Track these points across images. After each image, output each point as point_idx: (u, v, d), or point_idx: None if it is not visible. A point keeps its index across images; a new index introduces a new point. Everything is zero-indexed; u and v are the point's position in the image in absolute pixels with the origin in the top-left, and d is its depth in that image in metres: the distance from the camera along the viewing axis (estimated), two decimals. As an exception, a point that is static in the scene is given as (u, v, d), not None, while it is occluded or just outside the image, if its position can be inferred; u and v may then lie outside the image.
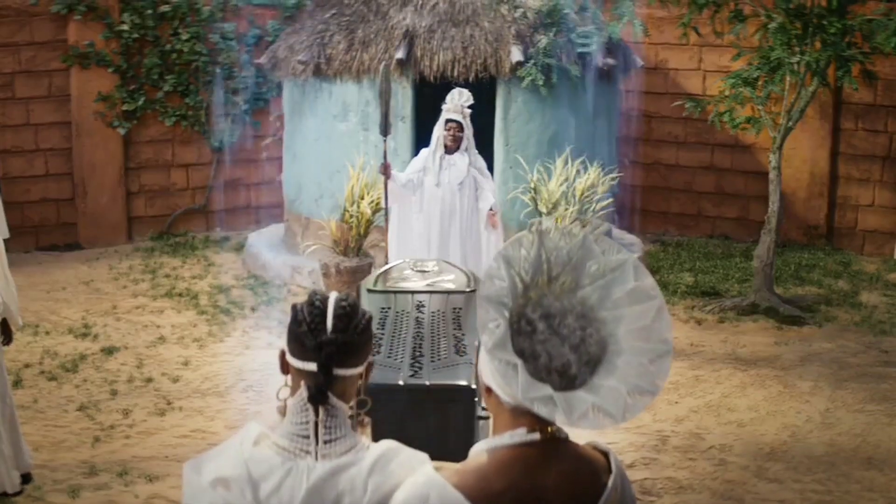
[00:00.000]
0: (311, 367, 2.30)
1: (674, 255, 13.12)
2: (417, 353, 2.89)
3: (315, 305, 2.32)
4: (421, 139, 10.40)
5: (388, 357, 2.87)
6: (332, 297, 2.36)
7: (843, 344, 9.83)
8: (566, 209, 9.39)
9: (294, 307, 2.36)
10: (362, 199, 10.17)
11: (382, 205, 9.28)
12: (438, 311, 2.79)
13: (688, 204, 14.27)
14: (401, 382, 2.86)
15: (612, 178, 10.45)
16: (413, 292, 2.78)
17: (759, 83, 10.28)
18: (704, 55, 13.64)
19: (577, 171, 9.81)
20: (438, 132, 9.04)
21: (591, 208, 9.63)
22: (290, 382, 2.39)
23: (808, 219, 13.44)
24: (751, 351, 9.59)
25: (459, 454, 2.30)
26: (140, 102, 13.32)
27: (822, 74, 9.76)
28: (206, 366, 9.04)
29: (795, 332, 10.14)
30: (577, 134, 11.40)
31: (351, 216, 10.22)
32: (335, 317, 2.30)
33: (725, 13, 10.58)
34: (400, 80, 11.12)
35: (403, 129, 11.21)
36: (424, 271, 3.29)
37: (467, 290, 2.84)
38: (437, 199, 9.04)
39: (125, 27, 13.08)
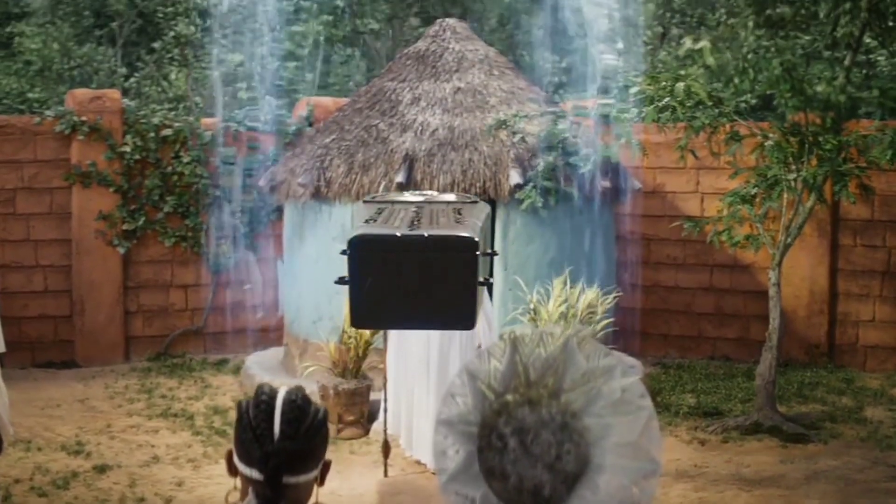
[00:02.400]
0: (258, 476, 2.08)
1: (675, 377, 12.99)
2: (415, 224, 2.71)
3: (261, 406, 2.09)
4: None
5: (385, 224, 2.67)
6: (281, 394, 2.13)
7: (848, 460, 9.65)
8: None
9: (240, 406, 2.16)
10: (361, 319, 10.07)
11: (382, 326, 9.19)
12: (442, 206, 2.64)
13: (688, 326, 14.21)
14: (398, 234, 2.63)
15: (612, 300, 10.43)
16: (411, 202, 2.66)
17: (757, 200, 10.34)
18: (702, 178, 13.76)
19: (577, 293, 9.80)
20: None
21: (591, 329, 9.57)
22: (239, 485, 2.19)
23: (809, 337, 13.36)
24: (755, 470, 9.41)
25: (459, 311, 2.12)
26: (140, 222, 13.37)
27: (819, 190, 9.83)
28: (200, 487, 8.84)
29: (800, 450, 9.97)
30: (576, 255, 11.41)
31: (349, 337, 10.16)
32: (284, 421, 2.08)
33: (722, 135, 10.70)
34: (400, 203, 11.17)
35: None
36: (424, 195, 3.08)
37: (468, 200, 2.73)
38: (437, 319, 8.97)
39: (127, 148, 13.23)
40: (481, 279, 2.75)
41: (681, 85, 9.81)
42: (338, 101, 14.50)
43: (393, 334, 9.26)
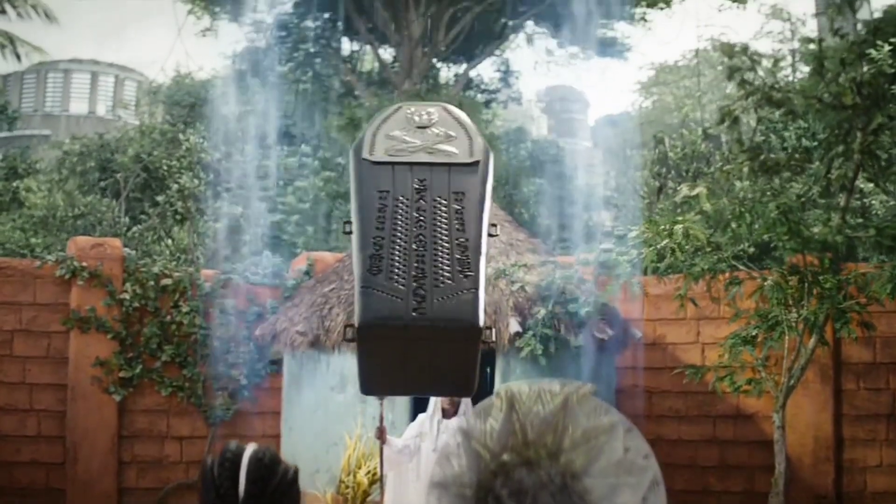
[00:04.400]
0: None
1: (680, 532, 12.64)
2: (419, 273, 2.61)
3: (226, 465, 1.99)
4: (418, 405, 10.27)
5: (390, 279, 2.59)
6: (248, 452, 2.04)
7: None
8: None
9: (204, 464, 2.04)
10: (359, 468, 9.92)
11: (379, 473, 9.00)
12: (440, 198, 2.54)
13: (692, 480, 13.90)
14: (404, 322, 2.57)
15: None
16: (412, 164, 2.56)
17: (759, 341, 10.29)
18: (702, 328, 13.72)
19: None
20: (436, 397, 8.88)
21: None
22: None
23: (816, 486, 13.06)
24: None
25: (460, 381, 2.01)
26: (137, 370, 13.26)
27: (820, 330, 9.79)
28: None
29: None
30: (576, 403, 11.28)
31: (347, 487, 9.96)
32: (249, 480, 1.97)
33: (721, 281, 10.74)
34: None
35: (400, 398, 11.08)
36: (423, 127, 2.89)
37: (469, 160, 2.62)
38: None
39: (126, 296, 13.24)
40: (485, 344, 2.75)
41: (679, 227, 9.89)
42: (338, 256, 14.60)
43: (391, 482, 9.04)
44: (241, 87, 21.21)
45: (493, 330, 2.88)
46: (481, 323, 2.66)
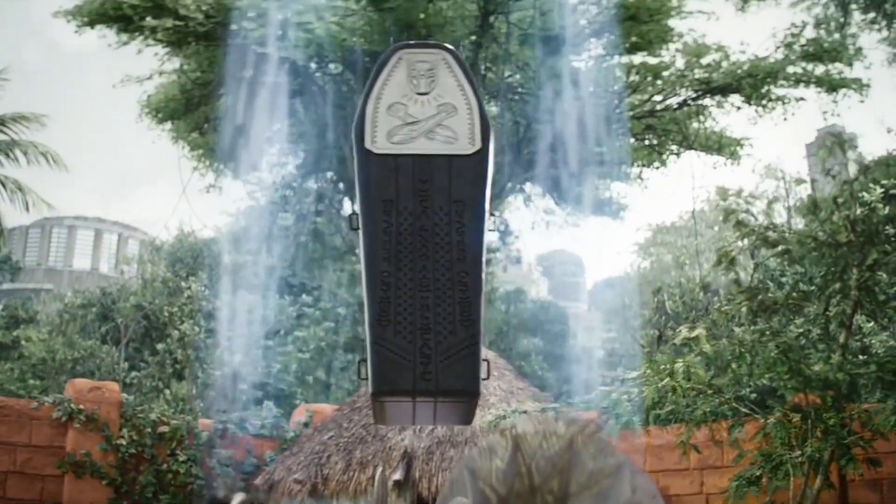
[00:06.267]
0: None
1: None
2: (424, 325, 2.66)
3: None
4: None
5: (398, 333, 2.64)
6: (236, 501, 1.97)
7: None
8: None
9: None
10: None
11: None
12: (441, 211, 2.48)
13: None
14: (411, 388, 2.66)
15: None
16: (414, 156, 2.51)
17: (763, 483, 10.10)
18: (706, 478, 13.50)
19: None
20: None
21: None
22: None
23: None
24: None
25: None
26: (131, 519, 13.02)
27: (825, 469, 9.62)
28: None
29: None
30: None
31: None
32: None
33: (724, 425, 10.63)
34: (397, 502, 11.03)
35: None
36: (424, 93, 2.74)
37: (470, 151, 2.57)
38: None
39: (123, 441, 13.10)
40: None
41: (679, 365, 9.84)
42: (337, 407, 14.57)
43: None
44: (243, 240, 21.48)
45: (488, 363, 2.94)
46: (480, 387, 2.74)
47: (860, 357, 10.06)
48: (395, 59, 2.87)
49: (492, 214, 2.76)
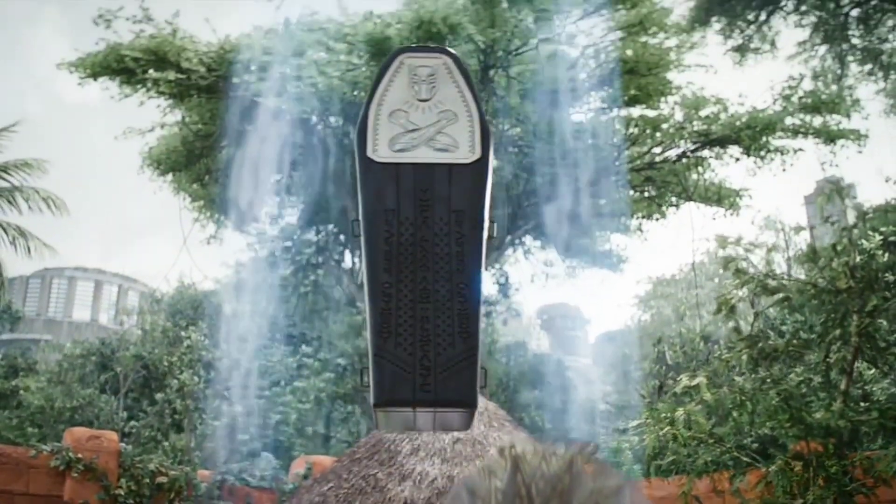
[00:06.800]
0: None
1: None
2: (424, 336, 2.71)
3: None
4: None
5: (398, 345, 2.69)
6: None
7: None
8: None
9: None
10: None
11: None
12: (441, 221, 2.51)
13: None
14: (409, 406, 2.73)
15: None
16: (415, 164, 2.54)
17: (767, 535, 10.02)
18: (708, 530, 13.39)
19: None
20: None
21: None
22: None
23: None
24: None
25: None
26: (130, 571, 12.92)
27: (828, 520, 9.56)
28: None
29: None
30: None
31: None
32: None
33: (725, 475, 10.57)
34: (398, 554, 10.94)
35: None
36: (425, 100, 2.69)
37: (470, 159, 2.59)
38: None
39: (121, 491, 13.02)
40: None
41: (680, 412, 9.82)
42: (336, 459, 14.48)
43: None
44: (243, 291, 21.49)
45: (486, 370, 3.00)
46: (478, 398, 2.83)
47: (862, 404, 10.02)
48: (396, 64, 2.92)
49: (491, 221, 2.79)
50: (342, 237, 25.52)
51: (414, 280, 2.75)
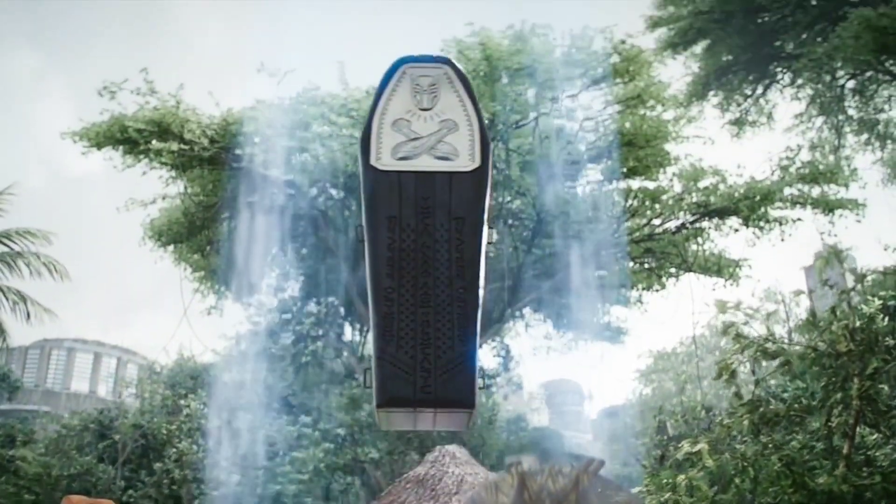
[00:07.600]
0: None
1: None
2: (425, 339, 2.74)
3: None
4: None
5: (400, 347, 2.73)
6: None
7: None
8: None
9: None
10: None
11: None
12: (441, 227, 2.50)
13: None
14: (410, 406, 2.79)
15: None
16: (417, 173, 2.56)
17: None
18: None
19: None
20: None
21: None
22: None
23: None
24: None
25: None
26: None
27: None
28: None
29: None
30: None
31: None
32: None
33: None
34: None
35: None
36: (427, 109, 2.69)
37: (470, 167, 2.62)
38: None
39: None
40: None
41: (682, 478, 9.73)
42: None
43: None
44: (243, 361, 21.43)
45: (484, 372, 3.06)
46: (476, 398, 2.95)
47: (865, 469, 9.92)
48: (398, 74, 3.01)
49: (490, 227, 2.85)
50: (342, 310, 25.49)
51: (415, 285, 2.82)
